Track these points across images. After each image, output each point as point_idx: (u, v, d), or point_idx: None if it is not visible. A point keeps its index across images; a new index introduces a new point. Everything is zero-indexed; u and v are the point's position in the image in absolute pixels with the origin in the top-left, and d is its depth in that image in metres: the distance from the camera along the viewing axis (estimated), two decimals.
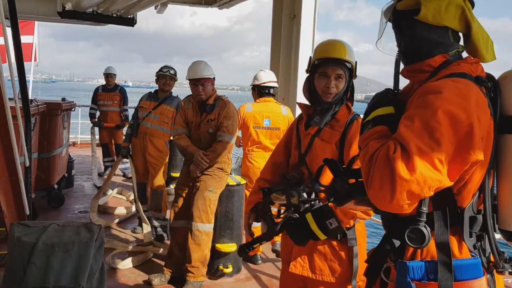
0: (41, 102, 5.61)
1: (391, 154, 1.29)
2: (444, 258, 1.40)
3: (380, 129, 1.44)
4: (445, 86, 1.36)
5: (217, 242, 4.26)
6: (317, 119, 2.34)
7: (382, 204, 1.33)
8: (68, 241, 2.72)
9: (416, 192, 1.28)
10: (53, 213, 6.08)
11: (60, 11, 6.31)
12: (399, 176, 1.26)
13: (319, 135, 2.34)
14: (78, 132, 12.23)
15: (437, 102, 1.32)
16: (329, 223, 2.08)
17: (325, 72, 2.30)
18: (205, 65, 4.16)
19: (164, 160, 5.37)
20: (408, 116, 1.37)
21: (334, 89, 2.29)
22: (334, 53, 2.29)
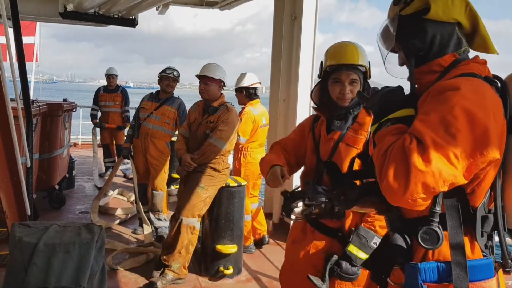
0: (42, 102, 5.62)
1: (407, 145, 1.28)
2: (458, 258, 1.39)
3: (399, 126, 1.43)
4: (461, 83, 1.37)
5: (217, 243, 4.27)
6: (338, 123, 2.32)
7: (395, 197, 1.30)
8: (69, 242, 2.73)
9: (431, 184, 1.26)
10: (54, 214, 6.08)
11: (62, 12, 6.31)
12: (414, 166, 1.25)
13: (343, 139, 2.30)
14: (79, 133, 12.24)
15: (454, 98, 1.32)
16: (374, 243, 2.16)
17: (338, 78, 2.27)
18: (215, 67, 4.25)
19: (165, 161, 5.37)
20: (424, 111, 1.37)
21: (349, 95, 2.26)
22: (346, 58, 2.26)
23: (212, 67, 4.24)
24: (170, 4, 6.98)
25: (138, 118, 5.45)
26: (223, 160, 4.19)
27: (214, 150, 4.07)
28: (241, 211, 4.39)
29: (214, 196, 4.19)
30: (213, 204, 4.22)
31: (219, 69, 4.25)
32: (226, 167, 4.24)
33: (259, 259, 4.91)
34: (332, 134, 2.33)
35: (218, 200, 4.24)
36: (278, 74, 5.93)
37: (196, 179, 4.10)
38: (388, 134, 1.41)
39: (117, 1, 5.81)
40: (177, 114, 5.34)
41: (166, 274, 4.06)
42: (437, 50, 1.53)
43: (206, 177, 4.11)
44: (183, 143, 4.33)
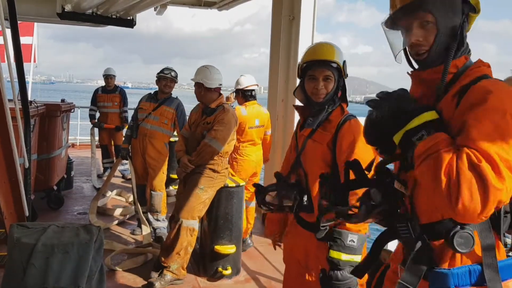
0: (40, 103, 5.61)
1: (477, 163, 1.23)
2: (490, 260, 1.39)
3: (445, 137, 1.33)
4: (500, 86, 1.36)
5: (216, 243, 4.27)
6: (310, 120, 2.39)
7: (470, 217, 1.25)
8: (67, 243, 2.72)
9: (503, 200, 1.25)
10: (53, 215, 6.08)
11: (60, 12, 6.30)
12: (493, 186, 1.21)
13: (312, 136, 2.38)
14: (77, 134, 12.23)
15: (501, 104, 1.30)
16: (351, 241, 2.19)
17: (313, 74, 2.33)
18: (211, 73, 4.21)
19: (163, 162, 5.36)
20: (475, 120, 1.31)
21: (323, 90, 2.32)
22: (319, 55, 2.33)
23: (207, 74, 4.20)
24: (168, 4, 6.97)
25: (136, 119, 5.44)
26: (222, 161, 4.19)
27: (209, 150, 4.06)
28: (240, 211, 4.39)
29: (213, 196, 4.19)
30: (212, 205, 4.22)
31: (215, 75, 4.22)
32: (225, 168, 4.24)
33: (258, 259, 4.91)
34: (304, 131, 2.43)
35: (217, 201, 4.24)
36: (276, 74, 5.94)
37: (195, 180, 4.10)
38: (439, 148, 1.30)
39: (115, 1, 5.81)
40: (176, 115, 5.33)
41: (165, 274, 4.06)
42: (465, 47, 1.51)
43: (205, 178, 4.11)
44: (182, 144, 4.34)
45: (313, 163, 2.35)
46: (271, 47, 6.24)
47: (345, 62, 2.36)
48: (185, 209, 4.04)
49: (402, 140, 1.40)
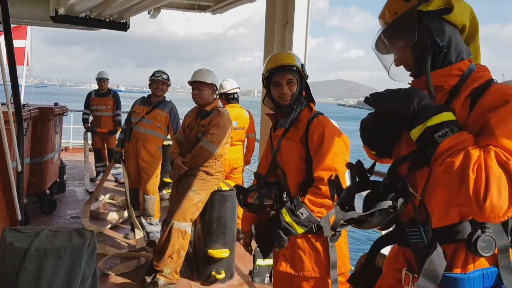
0: (33, 107, 5.59)
1: (506, 161, 1.25)
2: (505, 262, 1.40)
3: (468, 135, 1.33)
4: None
5: (209, 247, 4.26)
6: (282, 121, 2.57)
7: (497, 214, 1.25)
8: (60, 247, 2.71)
9: None
10: (45, 219, 6.05)
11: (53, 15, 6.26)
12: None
13: (285, 135, 2.55)
14: (70, 137, 12.17)
15: None
16: (300, 213, 2.30)
17: (276, 81, 2.52)
18: (207, 72, 4.27)
19: (157, 165, 5.35)
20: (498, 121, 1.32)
21: (288, 93, 2.50)
22: (280, 61, 2.52)
23: (203, 72, 4.25)
24: (162, 8, 6.97)
25: (129, 122, 5.43)
26: (215, 163, 4.19)
27: (205, 154, 4.06)
28: (233, 215, 4.38)
29: (207, 200, 4.18)
30: (205, 208, 4.21)
31: (211, 74, 4.27)
32: (218, 171, 4.24)
33: (252, 263, 4.89)
34: (278, 131, 2.61)
35: (210, 204, 4.23)
36: None
37: (188, 182, 4.10)
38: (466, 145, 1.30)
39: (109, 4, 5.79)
40: (169, 118, 5.34)
41: (158, 279, 4.04)
42: (455, 52, 1.53)
43: (199, 180, 4.10)
44: (176, 147, 4.35)
45: (289, 159, 2.52)
46: (264, 51, 6.24)
47: (303, 64, 2.56)
48: (177, 211, 4.03)
49: (421, 136, 1.38)
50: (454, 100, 1.48)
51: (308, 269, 2.44)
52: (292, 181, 2.49)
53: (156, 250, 4.16)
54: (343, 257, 2.50)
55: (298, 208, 2.32)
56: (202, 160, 4.09)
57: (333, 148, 2.40)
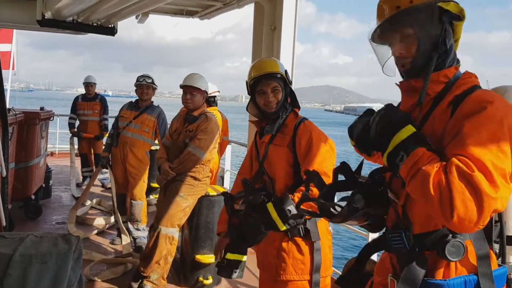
0: (19, 111, 5.54)
1: (469, 172, 1.23)
2: (485, 269, 1.40)
3: (423, 152, 1.34)
4: (497, 97, 1.38)
5: (197, 253, 4.25)
6: (268, 127, 2.59)
7: (467, 227, 1.26)
8: (45, 253, 2.68)
9: (499, 208, 1.26)
10: (30, 224, 5.97)
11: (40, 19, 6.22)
12: (487, 195, 1.21)
13: (272, 141, 2.56)
14: (56, 142, 12.06)
15: (498, 113, 1.32)
16: (288, 210, 2.09)
17: (261, 89, 2.53)
18: (199, 77, 4.27)
19: (144, 170, 5.33)
20: (472, 129, 1.31)
21: (274, 101, 2.51)
22: (264, 69, 2.52)
23: (197, 77, 4.25)
24: (149, 13, 6.96)
25: (117, 127, 5.41)
26: (203, 169, 4.18)
27: (192, 159, 4.05)
28: None
29: (194, 205, 4.17)
30: (193, 214, 4.20)
31: (204, 80, 4.28)
32: (206, 176, 4.23)
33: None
34: (264, 138, 2.62)
35: (198, 209, 4.22)
36: None
37: (176, 188, 4.08)
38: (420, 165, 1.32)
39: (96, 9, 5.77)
40: (157, 123, 5.33)
41: (145, 285, 4.02)
42: (451, 59, 1.54)
43: (186, 186, 4.09)
44: (163, 152, 4.32)
45: (277, 165, 2.52)
46: (252, 56, 6.27)
47: (287, 71, 2.57)
48: (164, 217, 4.01)
49: (388, 162, 1.43)
50: (436, 107, 1.49)
51: (290, 272, 2.44)
52: (280, 187, 2.49)
53: (143, 256, 4.13)
54: (326, 260, 2.50)
55: (286, 205, 2.18)
56: (190, 166, 4.08)
57: (320, 152, 2.41)
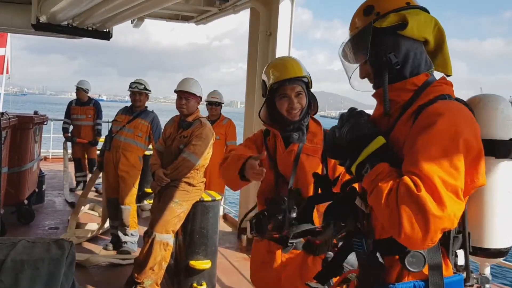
0: (12, 115, 5.50)
1: (415, 193, 1.24)
2: (436, 279, 1.40)
3: (382, 168, 1.36)
4: (453, 109, 1.37)
5: (191, 259, 4.21)
6: (296, 135, 2.32)
7: (415, 245, 1.29)
8: (38, 258, 2.65)
9: (448, 226, 1.26)
10: (23, 229, 5.92)
11: (34, 23, 6.21)
12: (432, 214, 1.22)
13: (303, 151, 2.32)
14: (50, 146, 12.00)
15: (452, 128, 1.31)
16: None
17: (285, 93, 2.30)
18: (195, 82, 4.25)
19: (136, 175, 5.30)
20: (423, 144, 1.32)
21: (298, 106, 2.30)
22: (289, 73, 2.31)
23: (192, 82, 4.23)
24: (145, 17, 6.97)
25: (110, 131, 5.40)
26: (197, 174, 4.16)
27: (187, 165, 4.03)
28: (215, 226, 4.35)
29: (189, 211, 4.14)
30: (187, 219, 4.17)
31: (198, 85, 4.27)
32: (200, 181, 4.21)
33: (233, 275, 4.87)
34: (291, 147, 2.33)
35: (192, 215, 4.20)
36: (253, 89, 5.98)
37: (170, 194, 4.05)
38: (377, 181, 1.35)
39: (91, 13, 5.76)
40: (150, 128, 5.30)
41: None
42: (410, 67, 1.53)
43: (181, 192, 4.06)
44: (157, 157, 4.29)
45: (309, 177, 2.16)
46: (248, 62, 6.29)
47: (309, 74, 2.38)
48: (159, 223, 3.98)
49: (356, 172, 1.46)
50: (402, 116, 1.49)
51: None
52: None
53: (137, 262, 4.10)
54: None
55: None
56: (185, 172, 4.05)
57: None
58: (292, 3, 5.68)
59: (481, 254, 1.49)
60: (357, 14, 1.62)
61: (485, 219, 1.45)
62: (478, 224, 1.47)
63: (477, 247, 1.48)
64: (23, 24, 6.46)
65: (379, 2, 1.57)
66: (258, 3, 5.80)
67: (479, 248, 1.48)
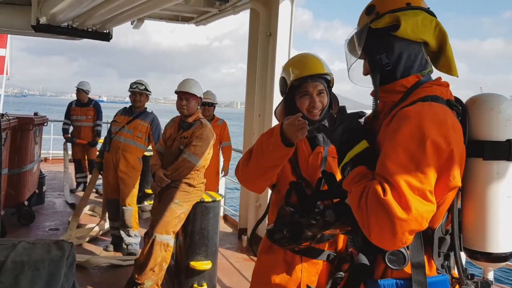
0: (12, 116, 5.50)
1: (382, 197, 1.27)
2: (418, 277, 1.41)
3: (358, 171, 1.42)
4: (423, 112, 1.36)
5: (191, 259, 4.21)
6: (321, 137, 2.21)
7: (386, 246, 1.34)
8: (38, 259, 2.65)
9: (416, 228, 1.29)
10: (23, 231, 5.92)
11: (34, 24, 6.21)
12: (398, 218, 1.25)
13: (329, 153, 2.20)
14: (50, 147, 12.01)
15: (419, 131, 1.32)
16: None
17: (306, 91, 2.17)
18: (195, 83, 4.25)
19: (136, 176, 5.29)
20: (390, 148, 1.35)
21: (319, 106, 2.18)
22: (311, 69, 2.19)
23: (193, 83, 4.23)
24: (145, 18, 6.97)
25: (110, 132, 5.40)
26: (198, 175, 4.16)
27: (188, 166, 4.03)
28: (215, 226, 4.35)
29: (189, 211, 4.14)
30: (188, 220, 4.17)
31: (199, 86, 4.27)
32: (201, 182, 4.21)
33: (234, 276, 4.87)
34: (318, 149, 2.21)
35: (193, 216, 4.19)
36: (253, 89, 5.98)
37: (171, 194, 4.05)
38: (353, 183, 1.40)
39: (91, 14, 5.76)
40: (150, 129, 5.30)
41: None
42: (402, 69, 1.54)
43: (181, 192, 4.06)
44: (157, 158, 4.28)
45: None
46: (248, 62, 6.29)
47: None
48: (159, 224, 3.97)
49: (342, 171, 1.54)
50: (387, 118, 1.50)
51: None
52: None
53: (138, 263, 4.09)
54: None
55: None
56: (185, 172, 4.05)
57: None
58: (292, 3, 5.68)
59: (483, 259, 1.47)
60: (362, 12, 1.64)
61: (486, 223, 1.43)
62: (476, 228, 1.45)
63: (478, 251, 1.46)
64: (23, 25, 6.46)
65: (380, 2, 1.58)
66: (258, 3, 5.80)
67: (480, 253, 1.46)
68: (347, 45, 1.66)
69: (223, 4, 6.23)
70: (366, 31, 1.54)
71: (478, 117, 1.44)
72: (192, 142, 4.05)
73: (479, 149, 1.41)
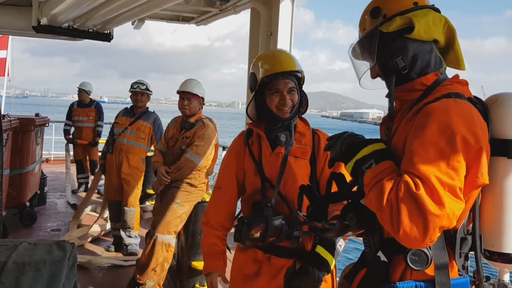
0: (14, 117, 5.51)
1: (415, 192, 1.25)
2: (443, 279, 1.40)
3: (389, 165, 1.38)
4: (449, 108, 1.35)
5: (193, 259, 4.21)
6: (283, 137, 2.19)
7: (414, 244, 1.30)
8: (39, 260, 2.64)
9: (447, 225, 1.27)
10: (25, 231, 5.92)
11: (35, 25, 6.21)
12: (431, 213, 1.23)
13: (291, 153, 2.18)
14: (51, 148, 12.01)
15: (447, 127, 1.30)
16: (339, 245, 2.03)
17: (276, 88, 2.14)
18: (197, 83, 4.25)
19: (139, 177, 5.30)
20: (419, 145, 1.32)
21: (289, 103, 2.14)
22: (283, 66, 2.14)
23: (195, 83, 4.23)
24: (145, 19, 6.96)
25: (112, 134, 5.39)
26: (199, 175, 4.16)
27: (190, 166, 4.03)
28: None
29: (190, 211, 4.14)
30: (189, 220, 4.17)
31: (201, 86, 4.27)
32: (202, 182, 4.20)
33: None
34: (278, 149, 2.19)
35: (194, 216, 4.19)
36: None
37: (172, 194, 4.05)
38: (382, 177, 1.35)
39: (92, 15, 5.76)
40: (152, 129, 5.30)
41: None
42: (419, 68, 1.52)
43: (183, 192, 4.06)
44: (160, 156, 4.28)
45: (298, 181, 2.10)
46: (249, 62, 6.27)
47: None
48: (161, 224, 3.97)
49: (353, 169, 1.46)
50: (407, 114, 1.49)
51: None
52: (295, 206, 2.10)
53: (139, 264, 4.09)
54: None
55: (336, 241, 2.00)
56: (187, 172, 4.05)
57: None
58: (293, 3, 5.67)
59: (499, 260, 1.46)
60: (365, 14, 1.61)
61: (503, 223, 1.42)
62: (496, 228, 1.44)
63: (494, 252, 1.45)
64: (24, 26, 6.47)
65: (385, 4, 1.55)
66: (259, 3, 5.79)
67: (496, 253, 1.45)
68: (357, 50, 1.64)
69: (224, 4, 6.22)
70: (378, 35, 1.52)
71: (500, 116, 1.43)
72: (194, 142, 4.05)
73: (503, 148, 1.40)
